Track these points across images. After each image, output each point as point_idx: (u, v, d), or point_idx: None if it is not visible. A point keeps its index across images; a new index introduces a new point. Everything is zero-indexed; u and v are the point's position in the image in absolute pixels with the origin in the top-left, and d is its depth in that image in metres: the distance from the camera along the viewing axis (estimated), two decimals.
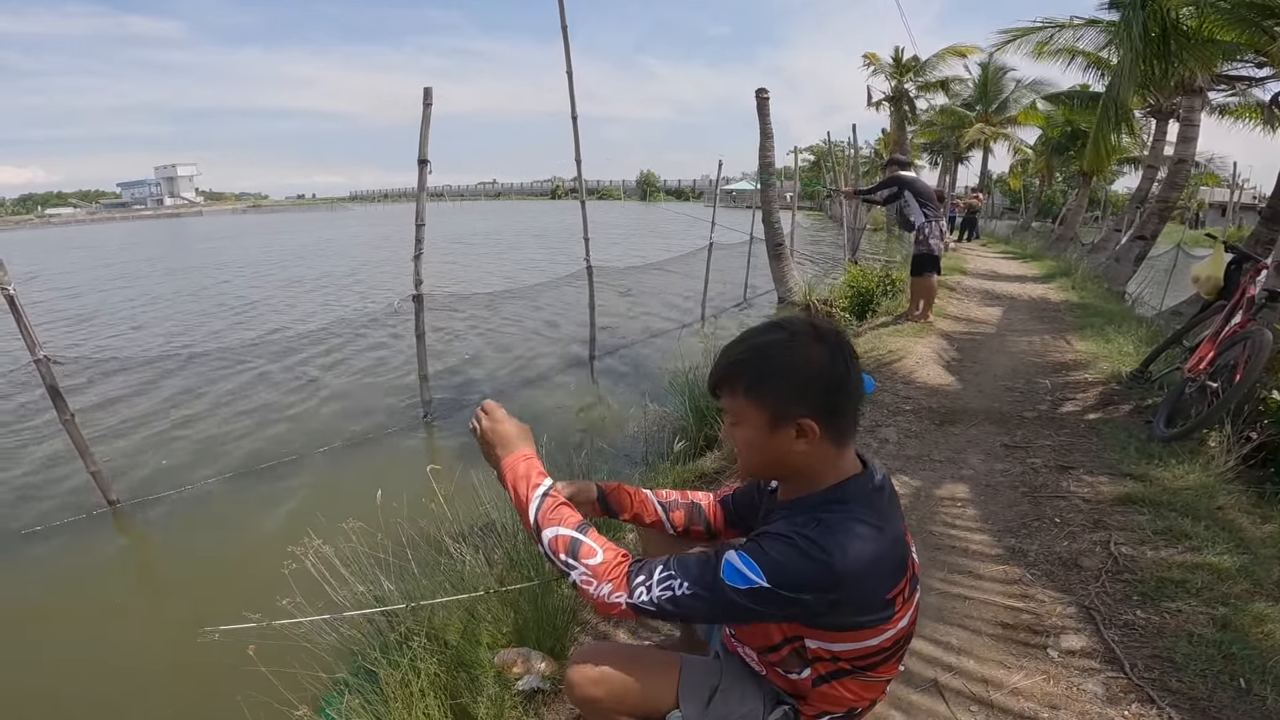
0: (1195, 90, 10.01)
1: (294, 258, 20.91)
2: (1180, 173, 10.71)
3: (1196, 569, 2.36)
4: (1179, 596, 2.23)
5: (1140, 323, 6.75)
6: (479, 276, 15.39)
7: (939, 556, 2.62)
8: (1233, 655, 1.93)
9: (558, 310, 9.72)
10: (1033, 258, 14.43)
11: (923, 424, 3.97)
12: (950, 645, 2.10)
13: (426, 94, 4.69)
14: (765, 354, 1.07)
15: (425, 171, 4.77)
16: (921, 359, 5.21)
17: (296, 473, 4.82)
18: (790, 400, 1.05)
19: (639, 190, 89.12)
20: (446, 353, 8.11)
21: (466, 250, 22.63)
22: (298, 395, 6.64)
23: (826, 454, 1.08)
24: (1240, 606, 2.15)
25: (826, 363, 1.05)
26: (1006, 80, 22.99)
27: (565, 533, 1.10)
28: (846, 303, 8.08)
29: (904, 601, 1.10)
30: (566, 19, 5.66)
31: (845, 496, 1.07)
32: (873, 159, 34.25)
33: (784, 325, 1.11)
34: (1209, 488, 2.88)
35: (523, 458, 1.19)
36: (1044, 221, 27.13)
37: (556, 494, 1.15)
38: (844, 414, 1.08)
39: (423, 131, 4.69)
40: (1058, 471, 3.25)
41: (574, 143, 6.26)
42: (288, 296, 13.14)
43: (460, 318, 9.54)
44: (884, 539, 1.05)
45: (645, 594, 1.04)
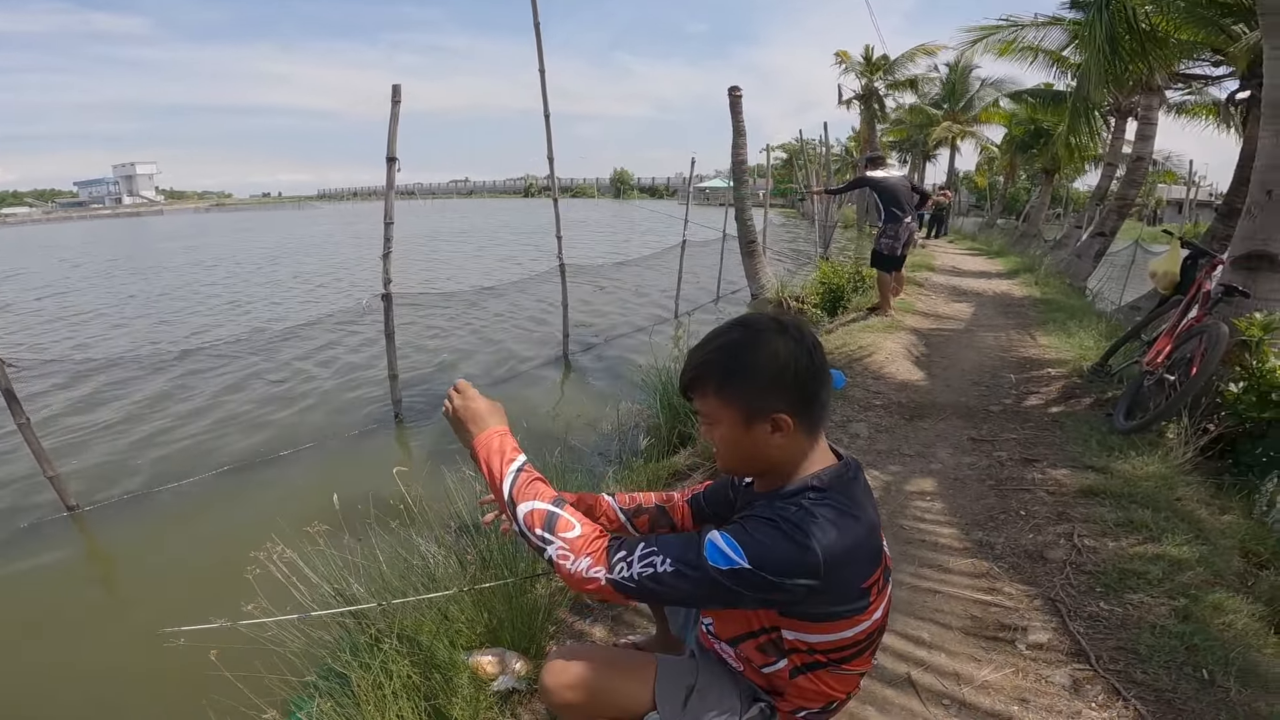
0: (1153, 89, 10.25)
1: (264, 258, 20.44)
2: (1138, 170, 10.99)
3: (1157, 560, 2.42)
4: (1141, 588, 2.29)
5: (1100, 317, 6.93)
6: (454, 274, 15.23)
7: (910, 551, 2.66)
8: (1195, 647, 1.98)
9: (531, 308, 9.66)
10: (998, 254, 14.73)
11: (893, 419, 4.03)
12: (922, 640, 2.13)
13: (395, 91, 4.63)
14: (731, 353, 1.08)
15: (394, 169, 4.70)
16: (891, 354, 5.28)
17: (263, 476, 4.72)
18: (761, 396, 1.06)
19: (613, 188, 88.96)
20: (419, 351, 8.01)
21: (442, 248, 22.38)
22: (264, 397, 6.50)
23: (802, 446, 1.10)
24: (1200, 597, 2.21)
25: (792, 355, 1.06)
26: (972, 79, 23.42)
27: (541, 506, 1.09)
28: (818, 299, 8.16)
29: (878, 592, 1.11)
30: (540, 16, 5.62)
31: (823, 485, 1.08)
32: (844, 157, 34.65)
33: (746, 323, 1.12)
34: (1168, 479, 2.97)
35: (495, 434, 1.18)
36: (1009, 218, 27.70)
37: (530, 469, 1.14)
38: (815, 404, 1.10)
39: (391, 129, 4.62)
40: (1023, 464, 3.32)
41: (546, 141, 6.22)
42: (258, 296, 12.85)
43: (433, 316, 9.44)
44: (861, 527, 1.06)
45: (626, 570, 1.03)
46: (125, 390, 6.65)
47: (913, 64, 22.35)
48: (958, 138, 24.69)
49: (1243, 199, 3.88)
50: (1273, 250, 3.57)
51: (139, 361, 6.94)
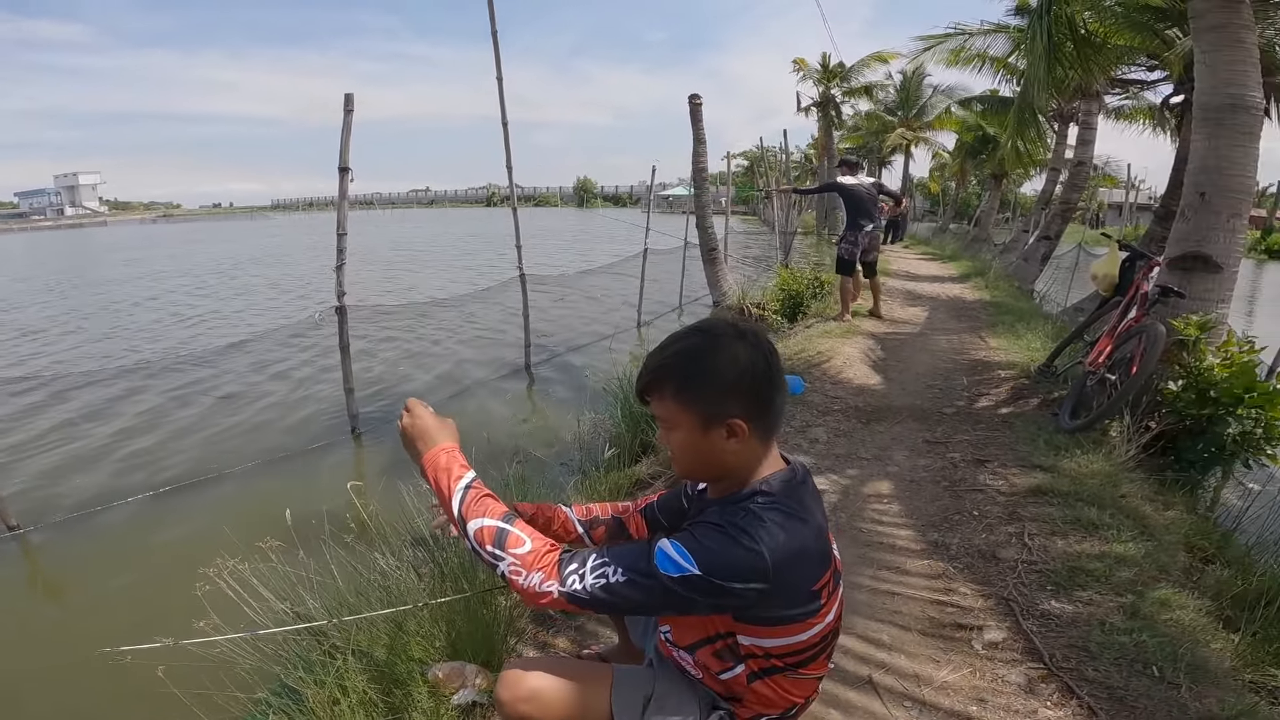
0: (1093, 94, 10.63)
1: (215, 269, 19.81)
2: (1080, 174, 11.41)
3: (1104, 557, 2.49)
4: (1090, 585, 2.36)
5: (1047, 319, 7.17)
6: (415, 284, 14.99)
7: (868, 553, 2.69)
8: (1144, 644, 2.03)
9: (493, 318, 9.56)
10: (951, 258, 15.12)
11: (850, 423, 4.09)
12: (881, 642, 2.15)
13: (348, 100, 4.55)
14: (690, 358, 1.09)
15: (346, 180, 4.61)
16: (849, 359, 5.36)
17: (214, 493, 4.57)
18: (719, 401, 1.07)
19: (576, 196, 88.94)
20: (378, 363, 7.86)
21: (403, 259, 22.02)
22: (215, 412, 6.30)
23: (756, 451, 1.12)
24: (1146, 594, 2.28)
25: (750, 361, 1.08)
26: (925, 86, 24.10)
27: (491, 523, 1.08)
28: (778, 306, 8.27)
29: (829, 595, 1.13)
30: (499, 24, 5.58)
31: (772, 490, 1.10)
32: (803, 164, 35.25)
33: (705, 328, 1.13)
34: (1112, 477, 3.06)
35: (443, 451, 1.17)
36: (961, 223, 28.53)
37: (479, 486, 1.14)
38: (771, 410, 1.12)
39: (344, 139, 4.54)
40: (975, 465, 3.39)
41: (505, 150, 6.17)
42: (208, 309, 12.44)
43: (393, 327, 9.26)
44: (809, 530, 1.08)
45: (578, 582, 1.03)
46: (71, 406, 6.37)
47: (868, 71, 22.97)
48: (911, 144, 25.36)
49: (1178, 201, 4.04)
50: (1207, 251, 3.70)
51: (87, 377, 6.68)
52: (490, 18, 5.63)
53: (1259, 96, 3.72)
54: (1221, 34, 3.72)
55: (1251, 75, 3.69)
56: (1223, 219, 3.67)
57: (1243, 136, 3.66)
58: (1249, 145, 3.68)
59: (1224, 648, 2.09)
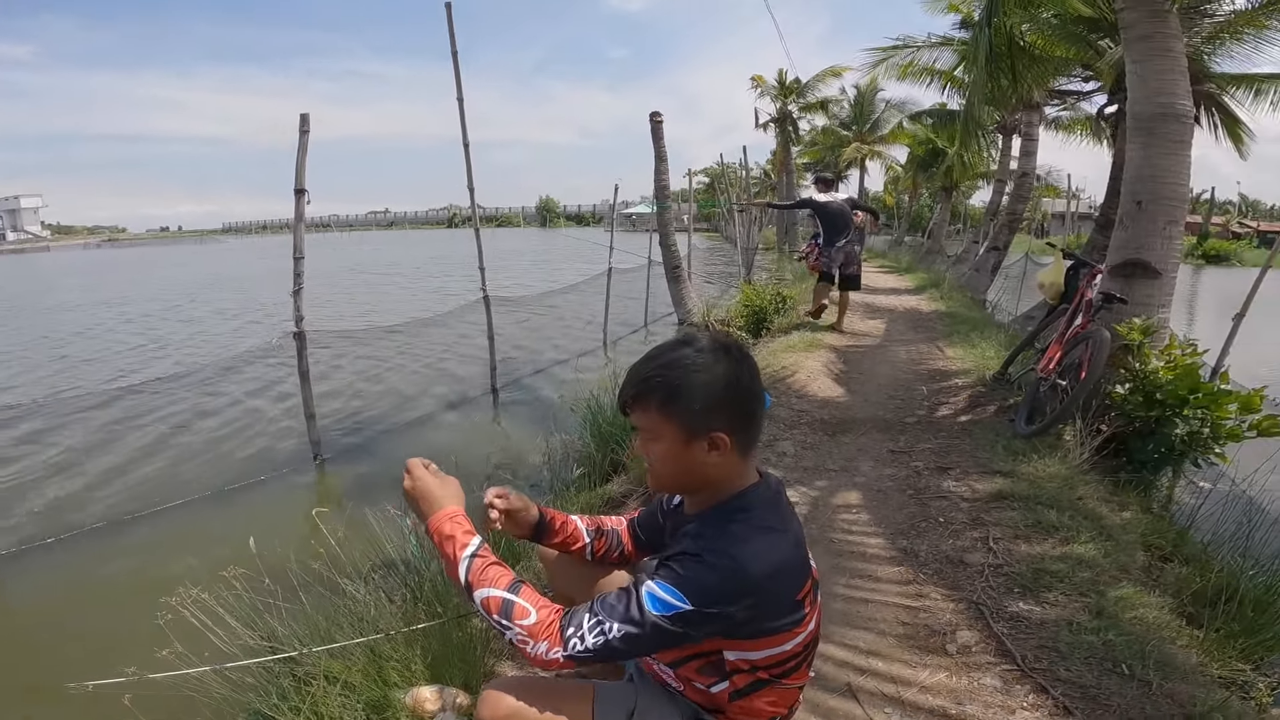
0: (1033, 105, 11.00)
1: (167, 296, 19.16)
2: (1024, 185, 11.80)
3: (1065, 559, 2.57)
4: (1054, 586, 2.42)
5: (999, 328, 7.40)
6: (375, 307, 14.73)
7: (841, 563, 2.73)
8: (1111, 642, 2.09)
9: (459, 340, 9.45)
10: (906, 271, 15.53)
11: (817, 435, 4.15)
12: (859, 648, 2.19)
13: (303, 120, 4.48)
14: (677, 370, 1.11)
15: (303, 202, 4.54)
16: (813, 373, 5.45)
17: (176, 522, 4.43)
18: (704, 415, 1.09)
19: (539, 216, 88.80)
20: (342, 388, 7.69)
21: (364, 282, 21.65)
22: (172, 441, 6.10)
23: (735, 465, 1.14)
24: (1109, 593, 2.35)
25: (735, 375, 1.11)
26: (878, 100, 24.62)
27: (497, 594, 1.09)
28: (743, 321, 8.37)
29: (811, 603, 1.15)
30: (460, 43, 5.58)
31: (748, 504, 1.12)
32: (763, 180, 35.82)
33: (690, 341, 1.15)
34: (1069, 480, 3.17)
35: (447, 517, 1.16)
36: (916, 235, 29.30)
37: (485, 554, 1.13)
38: (753, 425, 1.15)
39: (299, 160, 4.47)
40: (938, 473, 3.47)
41: (466, 171, 6.15)
42: (163, 336, 12.02)
43: (356, 351, 9.09)
44: (787, 541, 1.11)
45: (580, 644, 1.04)
46: (25, 436, 6.09)
47: (823, 86, 23.38)
48: (866, 158, 25.98)
49: (1117, 210, 4.19)
50: (1146, 258, 3.86)
51: (41, 407, 6.37)
52: (450, 38, 5.63)
53: (1188, 105, 3.89)
54: (1150, 44, 3.86)
55: (1180, 84, 3.84)
56: (1159, 226, 3.83)
57: (1175, 145, 3.81)
58: (1181, 153, 3.83)
59: (1189, 644, 2.17)
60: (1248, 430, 3.49)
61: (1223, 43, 6.97)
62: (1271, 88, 7.50)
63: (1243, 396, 3.53)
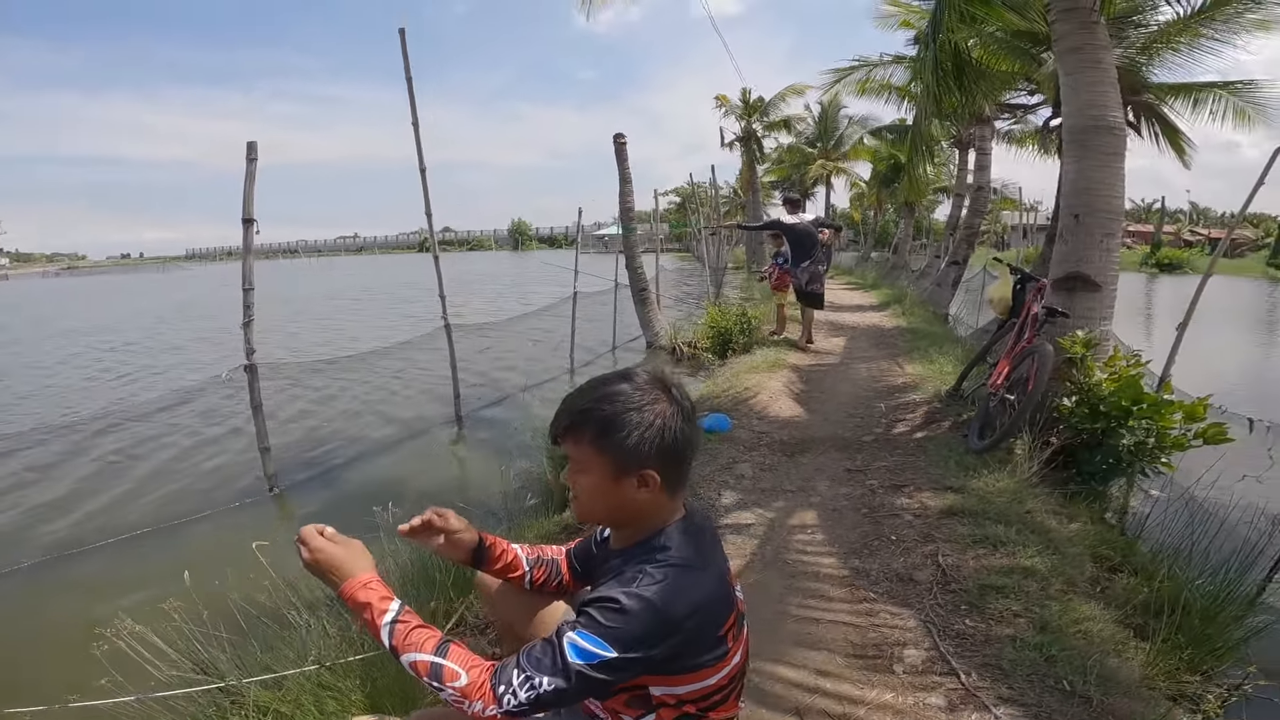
0: (985, 120, 11.23)
1: (120, 327, 18.67)
2: (980, 199, 12.00)
3: (1013, 573, 2.59)
4: (1001, 602, 2.44)
5: (958, 342, 7.52)
6: (338, 333, 14.51)
7: (795, 583, 2.73)
8: (1053, 657, 2.10)
9: (423, 368, 9.33)
10: (872, 287, 15.77)
11: (775, 457, 4.15)
12: (809, 668, 2.18)
13: (250, 148, 4.42)
14: (613, 405, 1.11)
15: (251, 232, 4.47)
16: (775, 393, 5.48)
17: (125, 556, 4.29)
18: (636, 452, 1.10)
19: (511, 239, 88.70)
20: (303, 417, 7.54)
21: (330, 309, 21.36)
22: (126, 476, 5.92)
23: (662, 502, 1.14)
24: (1054, 607, 2.37)
25: (671, 416, 1.11)
26: (841, 117, 24.97)
27: (424, 659, 1.08)
28: (709, 343, 8.41)
29: (734, 638, 1.15)
30: (430, 63, 5.59)
31: (670, 542, 1.12)
32: (732, 198, 36.21)
33: (629, 377, 1.15)
34: (1017, 494, 3.21)
35: (360, 585, 1.13)
36: (883, 251, 29.79)
37: (407, 618, 1.12)
38: (683, 465, 1.15)
39: (246, 189, 4.41)
40: (892, 490, 3.50)
41: (424, 196, 6.12)
42: (115, 368, 11.67)
43: (317, 380, 8.92)
44: (709, 578, 1.11)
45: (513, 699, 1.04)
46: None
47: (785, 104, 23.62)
48: (831, 175, 26.38)
49: None
50: (1085, 271, 3.94)
51: None
52: (404, 63, 5.63)
53: (1119, 116, 3.98)
54: (1081, 55, 3.95)
55: (1111, 95, 3.93)
56: (1097, 239, 3.91)
57: (1108, 157, 3.89)
58: (1114, 165, 3.91)
59: (1135, 657, 2.18)
60: (1194, 439, 3.55)
61: (1158, 53, 7.09)
62: (1209, 97, 7.62)
63: (1187, 406, 3.60)
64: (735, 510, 3.43)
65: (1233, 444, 3.53)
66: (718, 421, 4.59)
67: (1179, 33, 6.68)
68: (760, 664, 2.21)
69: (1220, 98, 7.55)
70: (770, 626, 2.45)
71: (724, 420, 4.61)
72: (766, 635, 2.39)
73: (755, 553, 2.99)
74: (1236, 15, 6.23)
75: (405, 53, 5.51)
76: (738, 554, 2.97)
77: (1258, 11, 6.13)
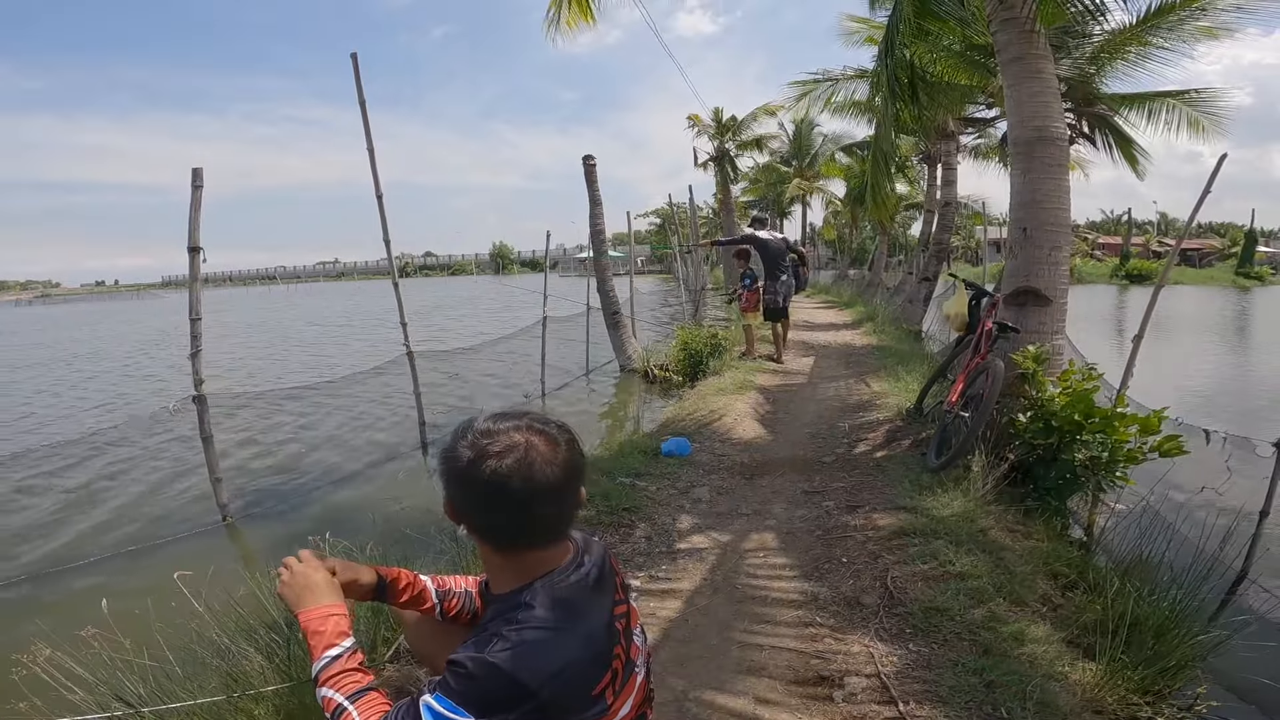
0: (950, 135, 11.32)
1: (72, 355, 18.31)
2: (948, 215, 11.95)
3: (959, 595, 2.54)
4: (945, 625, 2.39)
5: (925, 359, 7.52)
6: (305, 361, 14.33)
7: (744, 608, 2.68)
8: (994, 683, 2.06)
9: (384, 398, 9.21)
10: (848, 305, 15.86)
11: (734, 480, 4.10)
12: (750, 697, 2.13)
13: (196, 175, 4.31)
14: (446, 462, 1.10)
15: (198, 260, 4.38)
16: (740, 415, 5.44)
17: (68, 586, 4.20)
18: (460, 510, 1.10)
19: (493, 263, 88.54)
20: (266, 447, 7.38)
21: (295, 335, 21.13)
22: (73, 506, 5.76)
23: (522, 558, 1.09)
24: (999, 629, 2.33)
25: (486, 481, 1.03)
26: (815, 135, 25.06)
27: (334, 698, 1.12)
28: (680, 365, 8.37)
29: (614, 694, 1.11)
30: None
31: (532, 600, 1.07)
32: (711, 218, 36.49)
33: (468, 433, 1.09)
34: (970, 513, 3.16)
35: (320, 616, 1.20)
36: (861, 269, 30.09)
37: (348, 661, 1.15)
38: (505, 531, 1.08)
39: (192, 217, 4.32)
40: (847, 511, 3.45)
41: (381, 223, 6.05)
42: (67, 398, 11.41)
43: (279, 410, 8.76)
44: (571, 640, 1.06)
45: None
46: None
47: (758, 123, 23.74)
48: (807, 194, 26.58)
49: None
50: (1035, 285, 3.95)
51: None
52: (358, 89, 5.59)
53: (1062, 127, 3.99)
54: (1023, 65, 3.97)
55: (1053, 106, 3.95)
56: (1045, 252, 3.92)
57: (1053, 168, 3.91)
58: (1059, 177, 3.93)
59: (1080, 679, 2.14)
60: (1149, 452, 3.52)
61: (1107, 63, 7.06)
62: (1162, 107, 7.57)
63: (1141, 419, 3.56)
64: (690, 534, 3.37)
65: (1191, 456, 3.49)
66: (678, 445, 4.54)
67: (1127, 42, 6.62)
68: (701, 692, 2.17)
69: (1174, 108, 7.51)
70: (715, 653, 2.40)
71: (685, 444, 4.56)
72: (711, 662, 2.35)
73: (706, 578, 2.93)
74: (1181, 23, 6.17)
75: (358, 78, 5.49)
76: (689, 580, 2.91)
77: (1203, 19, 6.09)
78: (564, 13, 7.04)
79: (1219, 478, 3.44)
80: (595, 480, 3.88)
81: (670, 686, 2.20)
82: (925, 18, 5.69)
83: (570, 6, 7.01)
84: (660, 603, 2.74)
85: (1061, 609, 2.66)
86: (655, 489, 3.91)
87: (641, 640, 1.25)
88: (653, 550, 3.21)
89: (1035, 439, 3.63)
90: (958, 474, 3.62)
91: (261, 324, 25.34)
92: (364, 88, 5.54)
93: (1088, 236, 48.87)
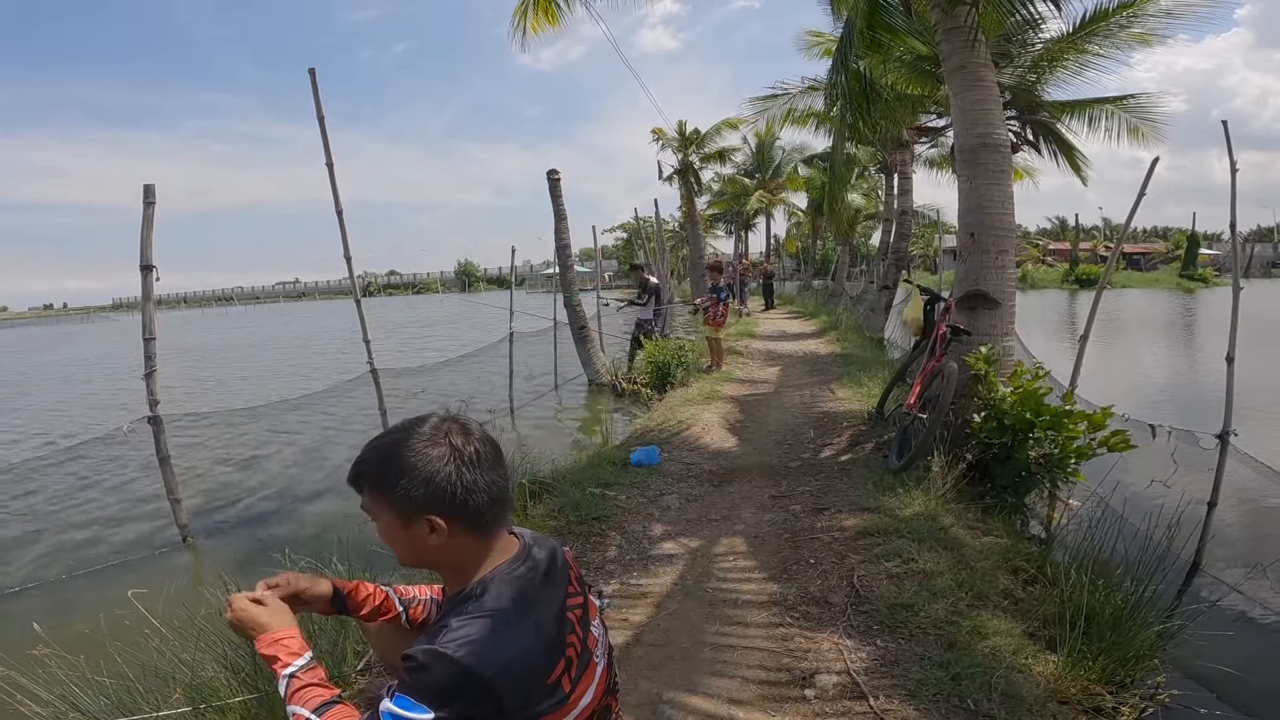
0: (905, 144, 11.56)
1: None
2: (905, 223, 12.27)
3: (922, 591, 2.61)
4: (910, 621, 2.45)
5: (886, 365, 7.69)
6: (269, 380, 14.01)
7: (715, 611, 2.71)
8: (959, 675, 2.11)
9: (349, 416, 9.07)
10: (813, 315, 16.10)
11: (703, 487, 4.14)
12: (722, 698, 2.15)
13: (147, 192, 4.22)
14: (387, 453, 1.10)
15: (150, 279, 4.28)
16: (708, 425, 5.50)
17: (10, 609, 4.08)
18: (412, 499, 1.08)
19: (459, 280, 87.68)
20: (225, 467, 7.20)
21: (261, 356, 20.65)
22: (27, 527, 5.61)
23: (467, 546, 1.11)
24: (962, 623, 2.39)
25: (446, 462, 1.07)
26: (777, 148, 25.29)
27: (302, 713, 1.12)
28: (648, 378, 8.42)
29: (572, 681, 1.11)
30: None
31: (485, 590, 1.09)
32: (677, 232, 36.72)
33: (412, 424, 1.13)
34: (931, 512, 3.25)
35: (271, 641, 1.20)
36: (825, 279, 30.60)
37: (305, 675, 1.16)
38: (475, 509, 1.10)
39: (144, 234, 4.22)
40: (814, 514, 3.52)
41: (342, 240, 5.97)
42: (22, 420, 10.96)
43: (245, 429, 8.55)
44: (523, 630, 1.07)
45: None
46: None
47: (721, 137, 24.08)
48: (770, 206, 26.93)
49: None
50: (984, 288, 4.10)
51: None
52: (316, 105, 5.53)
53: (1004, 134, 4.15)
54: (965, 74, 4.12)
55: (995, 114, 4.10)
56: (991, 256, 4.07)
57: (996, 175, 4.06)
58: (1003, 183, 4.08)
59: (1043, 670, 2.19)
60: (1097, 447, 3.65)
61: (1047, 71, 7.16)
62: (1101, 114, 7.72)
63: (1090, 415, 3.70)
64: (660, 541, 3.40)
65: (1140, 451, 3.62)
66: (648, 454, 4.57)
67: (1065, 50, 6.76)
68: (674, 694, 2.20)
69: (1113, 114, 7.69)
70: (688, 656, 2.42)
71: (654, 453, 4.60)
72: (682, 664, 2.37)
73: (676, 583, 2.96)
74: (1115, 30, 6.37)
75: (316, 94, 5.42)
76: (660, 585, 2.93)
77: (1135, 25, 6.29)
78: (529, 18, 7.09)
79: (1168, 470, 3.59)
80: (565, 491, 3.89)
81: (644, 690, 2.21)
82: (879, 29, 5.84)
83: (535, 11, 7.05)
84: (633, 608, 2.76)
85: (1023, 603, 2.74)
86: (625, 498, 3.93)
87: (600, 631, 1.26)
88: (624, 558, 3.23)
89: (990, 438, 3.74)
90: (918, 474, 3.72)
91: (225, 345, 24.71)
92: (323, 104, 5.49)
93: (1039, 243, 50.53)
